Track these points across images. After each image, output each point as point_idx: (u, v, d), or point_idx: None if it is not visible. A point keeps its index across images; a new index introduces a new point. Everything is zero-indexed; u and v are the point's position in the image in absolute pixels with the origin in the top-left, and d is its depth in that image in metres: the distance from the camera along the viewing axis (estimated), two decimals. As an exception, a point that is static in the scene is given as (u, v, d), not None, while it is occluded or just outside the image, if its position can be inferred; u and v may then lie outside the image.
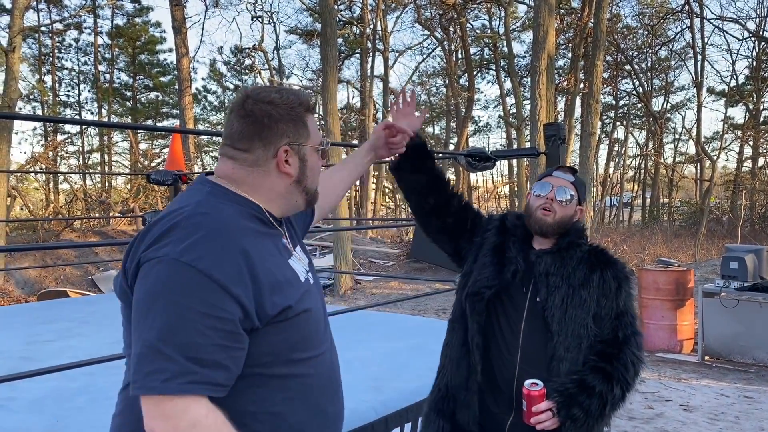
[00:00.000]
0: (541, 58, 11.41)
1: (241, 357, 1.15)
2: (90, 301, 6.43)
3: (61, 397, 2.86)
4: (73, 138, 26.91)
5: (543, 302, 1.85)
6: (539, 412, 1.73)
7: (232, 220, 1.21)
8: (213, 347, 1.09)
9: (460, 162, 4.72)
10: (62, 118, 11.10)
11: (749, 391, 5.87)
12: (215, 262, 1.12)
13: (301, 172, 1.33)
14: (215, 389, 1.11)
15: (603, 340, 1.84)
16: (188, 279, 1.10)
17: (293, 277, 1.27)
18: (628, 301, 1.90)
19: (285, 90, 1.33)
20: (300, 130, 1.31)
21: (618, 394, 1.78)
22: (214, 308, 1.09)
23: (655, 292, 7.63)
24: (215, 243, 1.14)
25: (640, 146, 32.62)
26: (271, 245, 1.27)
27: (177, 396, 1.07)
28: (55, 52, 26.81)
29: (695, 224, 21.95)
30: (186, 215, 1.18)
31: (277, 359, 1.21)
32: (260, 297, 1.15)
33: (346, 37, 25.68)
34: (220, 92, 32.20)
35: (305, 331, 1.26)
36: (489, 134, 35.58)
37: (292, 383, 1.24)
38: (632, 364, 1.81)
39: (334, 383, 1.38)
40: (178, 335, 1.08)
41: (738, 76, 26.81)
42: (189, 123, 19.06)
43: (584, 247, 1.96)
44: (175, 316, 1.08)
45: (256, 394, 1.20)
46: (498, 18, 26.58)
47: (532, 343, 1.85)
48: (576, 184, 1.99)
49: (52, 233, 15.37)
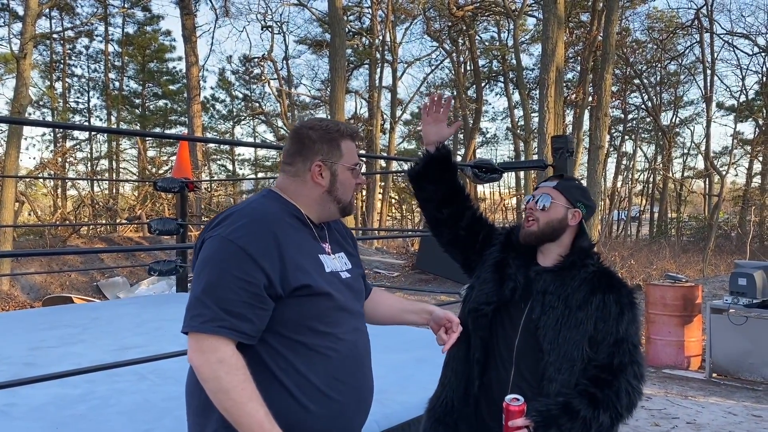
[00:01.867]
0: (549, 71, 11.40)
1: (264, 315, 1.47)
2: (94, 308, 6.43)
3: (62, 404, 2.84)
4: (82, 144, 27.06)
5: (536, 320, 1.83)
6: (515, 428, 1.71)
7: (272, 214, 1.58)
8: (241, 303, 1.43)
9: (467, 173, 4.70)
10: (72, 125, 11.15)
11: (757, 410, 5.79)
12: (251, 240, 1.47)
13: (332, 185, 1.65)
14: (240, 336, 1.44)
15: (597, 365, 1.80)
16: (229, 251, 1.47)
17: (317, 266, 1.57)
18: (630, 329, 1.83)
19: (330, 120, 1.70)
20: (333, 150, 1.64)
21: (605, 422, 1.73)
22: (245, 274, 1.44)
23: (662, 308, 7.56)
24: (254, 227, 1.51)
25: (648, 160, 32.50)
26: (302, 238, 1.60)
27: (210, 335, 1.42)
28: (66, 59, 27.02)
29: (703, 239, 21.81)
30: (239, 209, 1.60)
31: (301, 327, 1.51)
32: (285, 271, 1.48)
33: (355, 47, 25.79)
34: (229, 101, 32.37)
35: (325, 310, 1.54)
36: (497, 146, 35.56)
37: (315, 351, 1.53)
38: (626, 393, 1.75)
39: (359, 365, 1.64)
40: (216, 291, 1.44)
41: (748, 92, 26.73)
42: (197, 131, 19.14)
43: (590, 269, 1.91)
44: (216, 277, 1.45)
45: (286, 352, 1.51)
46: (507, 30, 26.65)
47: (526, 360, 1.84)
48: (560, 187, 1.96)
49: (58, 239, 15.41)
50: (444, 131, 2.04)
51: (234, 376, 1.40)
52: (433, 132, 2.03)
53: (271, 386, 1.48)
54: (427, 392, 2.03)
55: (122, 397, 2.94)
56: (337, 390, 1.55)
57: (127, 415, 2.70)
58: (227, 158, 34.12)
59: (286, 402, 1.50)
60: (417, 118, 33.98)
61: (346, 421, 1.60)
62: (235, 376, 1.41)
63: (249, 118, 32.11)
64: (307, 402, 1.51)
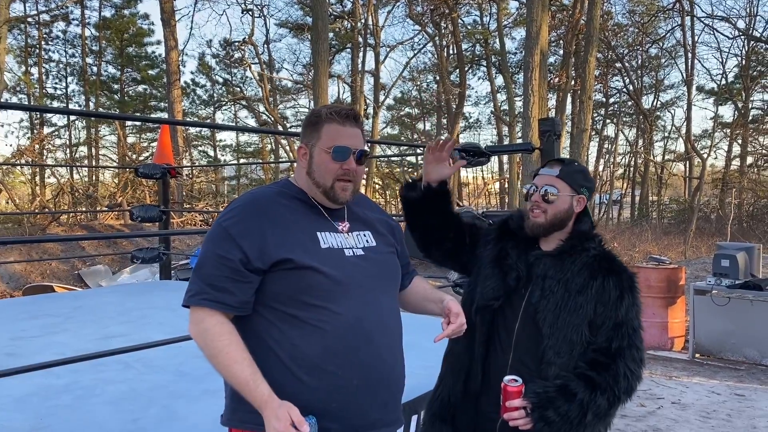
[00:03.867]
0: (534, 54, 11.37)
1: (245, 288, 1.57)
2: (76, 297, 6.33)
3: (46, 394, 2.79)
4: (60, 131, 26.63)
5: (536, 304, 1.84)
6: (512, 408, 1.73)
7: (264, 196, 1.69)
8: (222, 278, 1.56)
9: (454, 156, 4.67)
10: (50, 108, 10.89)
11: (740, 389, 5.88)
12: (235, 222, 1.61)
13: (309, 166, 1.69)
14: (223, 306, 1.56)
15: (596, 348, 1.81)
16: (217, 233, 1.62)
17: (309, 242, 1.62)
18: (630, 312, 1.84)
19: (333, 105, 1.74)
20: (312, 133, 1.68)
21: (603, 404, 1.74)
22: (225, 252, 1.57)
23: (646, 290, 7.61)
24: (241, 210, 1.64)
25: (630, 144, 32.73)
26: (298, 217, 1.66)
27: (198, 307, 1.57)
28: (41, 44, 26.44)
29: (684, 222, 22.08)
30: (241, 196, 1.75)
31: (291, 300, 1.58)
32: (265, 247, 1.57)
33: (337, 31, 25.56)
34: (209, 86, 31.94)
35: (314, 284, 1.57)
36: (480, 130, 35.49)
37: (308, 324, 1.57)
38: (624, 376, 1.76)
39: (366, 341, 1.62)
40: (203, 269, 1.60)
41: (727, 75, 26.99)
42: (178, 116, 18.87)
43: (591, 252, 1.91)
44: (204, 257, 1.61)
45: (280, 325, 1.59)
46: (489, 14, 26.56)
47: (525, 344, 1.85)
48: (563, 175, 1.94)
49: (38, 227, 15.17)
50: (445, 170, 2.04)
51: (218, 342, 1.52)
52: (435, 171, 2.03)
53: (267, 357, 1.57)
54: (416, 378, 2.02)
55: (108, 386, 2.89)
56: (333, 363, 1.57)
57: (113, 404, 2.66)
58: (209, 144, 33.77)
59: (281, 373, 1.56)
60: (400, 103, 33.88)
61: (347, 396, 1.58)
62: (219, 341, 1.52)
63: (230, 104, 31.75)
64: (301, 374, 1.56)
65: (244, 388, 1.50)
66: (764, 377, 6.35)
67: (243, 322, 1.61)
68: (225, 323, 1.56)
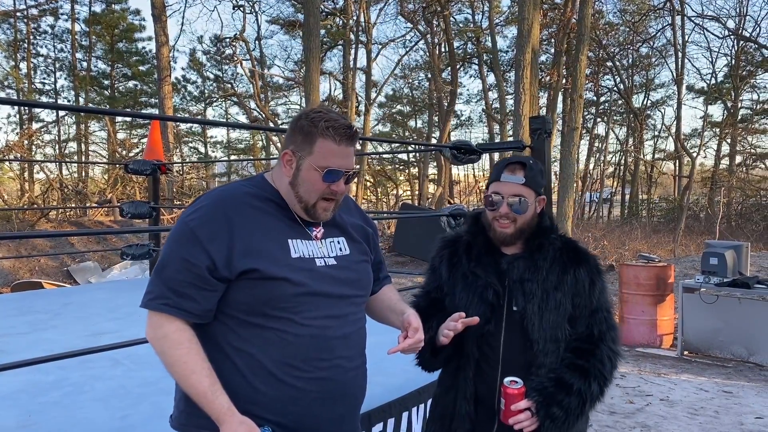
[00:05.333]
0: (525, 52, 11.38)
1: (210, 296, 1.50)
2: (65, 293, 6.30)
3: (35, 391, 2.77)
4: (49, 127, 26.41)
5: (521, 311, 1.81)
6: (518, 411, 1.70)
7: (235, 196, 1.58)
8: (186, 283, 1.48)
9: (446, 154, 4.68)
10: (38, 102, 10.75)
11: (728, 386, 5.92)
12: (202, 223, 1.51)
13: (294, 178, 1.58)
14: (183, 314, 1.49)
15: (578, 337, 1.83)
16: (183, 233, 1.52)
17: (279, 250, 1.54)
18: (602, 297, 1.88)
19: (330, 114, 1.57)
20: (305, 144, 1.56)
21: (596, 390, 1.77)
22: (191, 255, 1.48)
23: (635, 287, 7.67)
24: (209, 210, 1.54)
25: (620, 142, 32.86)
26: (269, 222, 1.57)
27: (157, 312, 1.50)
28: (30, 38, 26.19)
29: (673, 220, 22.20)
30: (209, 192, 1.63)
31: (253, 309, 1.51)
32: (231, 255, 1.48)
33: (329, 28, 25.48)
34: (200, 82, 31.78)
35: (281, 295, 1.51)
36: (471, 128, 35.52)
37: (269, 334, 1.52)
38: (609, 358, 1.80)
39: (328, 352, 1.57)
40: (165, 271, 1.51)
41: (717, 74, 27.16)
42: (168, 113, 18.75)
43: (556, 244, 1.91)
44: (167, 258, 1.52)
45: (239, 333, 1.53)
46: (481, 12, 26.58)
47: (512, 354, 1.82)
48: (528, 183, 1.86)
49: (26, 223, 15.05)
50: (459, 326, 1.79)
51: (176, 350, 1.47)
52: None
53: (223, 365, 1.52)
54: (407, 374, 2.01)
55: (96, 383, 2.88)
56: (291, 375, 1.53)
57: (102, 401, 2.65)
58: (199, 140, 33.65)
59: (237, 381, 1.51)
60: (391, 101, 33.85)
61: (303, 408, 1.54)
62: (177, 350, 1.47)
63: (221, 100, 31.63)
64: (258, 383, 1.51)
65: (201, 399, 1.45)
66: (751, 374, 6.41)
67: (201, 325, 1.55)
68: (185, 330, 1.50)
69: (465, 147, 4.30)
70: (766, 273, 10.37)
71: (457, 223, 4.26)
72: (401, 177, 36.24)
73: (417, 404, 2.82)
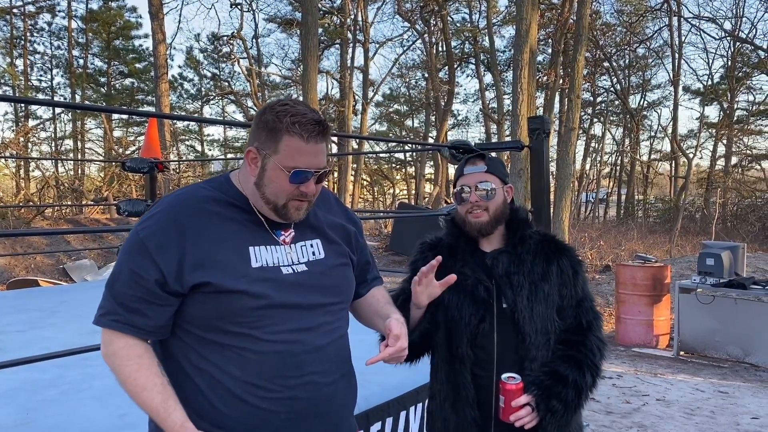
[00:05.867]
0: (523, 52, 11.39)
1: (161, 311, 1.40)
2: (61, 291, 6.29)
3: (33, 389, 2.77)
4: (46, 124, 26.38)
5: (511, 305, 1.79)
6: (519, 407, 1.68)
7: (189, 202, 1.45)
8: (136, 298, 1.39)
9: (444, 154, 4.68)
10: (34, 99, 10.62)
11: (724, 386, 5.94)
12: (152, 233, 1.40)
13: (259, 178, 1.45)
14: (134, 330, 1.40)
15: (566, 328, 1.82)
16: (134, 243, 1.41)
17: (237, 260, 1.42)
18: (585, 286, 1.89)
19: (295, 108, 1.42)
20: (269, 141, 1.42)
21: (589, 380, 1.76)
22: (140, 268, 1.38)
23: (632, 288, 7.69)
24: (161, 218, 1.42)
25: (616, 143, 32.99)
26: (228, 229, 1.44)
27: (107, 329, 1.41)
28: (27, 36, 26.16)
29: (669, 221, 22.25)
30: (165, 197, 1.50)
31: (209, 325, 1.41)
32: (181, 267, 1.37)
33: (327, 26, 25.46)
34: (197, 80, 31.75)
35: (239, 309, 1.39)
36: (468, 128, 35.56)
37: (228, 352, 1.41)
38: (598, 348, 1.80)
39: (297, 369, 1.45)
40: (115, 285, 1.41)
41: (713, 75, 27.23)
42: (165, 111, 18.71)
43: (535, 237, 1.91)
44: (117, 271, 1.42)
45: (198, 351, 1.43)
46: (479, 12, 26.60)
47: (506, 351, 1.80)
48: (491, 169, 1.89)
49: (22, 221, 15.02)
50: (436, 290, 1.75)
51: (126, 367, 1.39)
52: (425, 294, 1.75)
53: (184, 383, 1.43)
54: (404, 373, 2.00)
55: (94, 381, 2.87)
56: (255, 396, 1.41)
57: (100, 399, 2.64)
58: (196, 138, 33.60)
59: (199, 401, 1.42)
60: (389, 100, 33.84)
61: (272, 430, 1.43)
62: (126, 367, 1.39)
63: (218, 98, 31.59)
64: (220, 405, 1.41)
65: (155, 417, 1.37)
66: (747, 375, 6.43)
67: (162, 341, 1.48)
68: (135, 346, 1.40)
69: (464, 147, 4.30)
70: (762, 274, 10.41)
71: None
72: (398, 176, 36.26)
73: (415, 403, 2.82)
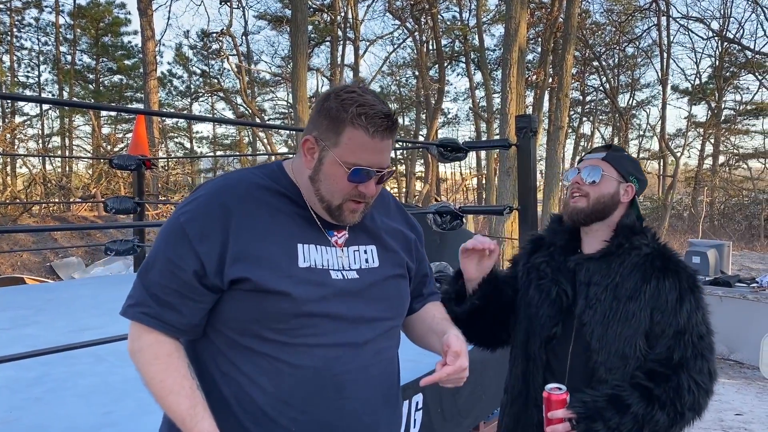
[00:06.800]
0: (512, 51, 11.43)
1: (196, 308, 1.27)
2: (48, 289, 6.24)
3: (17, 387, 2.75)
4: (33, 121, 26.15)
5: (580, 316, 1.64)
6: (555, 420, 1.52)
7: (239, 187, 1.32)
8: (170, 290, 1.25)
9: (432, 152, 4.70)
10: (21, 95, 10.55)
11: (709, 383, 6.00)
12: (193, 217, 1.27)
13: (315, 171, 1.30)
14: (164, 326, 1.27)
15: (655, 359, 1.58)
16: (173, 228, 1.28)
17: (283, 257, 1.28)
18: (692, 318, 1.59)
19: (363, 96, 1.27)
20: (329, 132, 1.27)
21: (662, 421, 1.52)
22: (178, 257, 1.25)
23: (619, 285, 7.73)
24: (205, 201, 1.29)
25: (605, 142, 33.09)
26: (280, 223, 1.31)
27: (135, 321, 1.29)
28: (13, 31, 25.91)
29: (657, 219, 22.41)
30: (214, 179, 1.37)
31: (245, 328, 1.27)
32: (223, 258, 1.24)
33: (316, 24, 25.42)
34: (186, 77, 31.59)
35: (277, 313, 1.25)
36: (458, 126, 35.73)
37: (263, 362, 1.27)
38: (689, 390, 1.52)
39: (335, 391, 1.28)
40: (150, 273, 1.28)
41: (701, 75, 27.46)
42: (154, 108, 18.63)
43: (643, 250, 1.66)
44: (153, 258, 1.29)
45: (229, 357, 1.29)
46: (468, 10, 26.63)
47: (577, 363, 1.65)
48: (610, 159, 1.71)
49: (8, 218, 14.90)
50: (486, 264, 1.71)
51: (152, 366, 1.26)
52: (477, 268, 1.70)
53: (211, 393, 1.28)
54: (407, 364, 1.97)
55: (79, 379, 2.85)
56: (287, 417, 1.26)
57: (84, 397, 2.63)
58: (185, 136, 33.43)
59: (225, 415, 1.27)
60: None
61: None
62: (153, 366, 1.26)
63: (207, 95, 31.45)
64: (247, 422, 1.26)
65: (180, 424, 1.23)
66: (732, 372, 6.49)
67: (190, 342, 1.34)
68: (164, 343, 1.27)
69: (451, 145, 4.32)
70: (748, 272, 10.51)
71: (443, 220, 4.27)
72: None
73: (416, 394, 2.82)
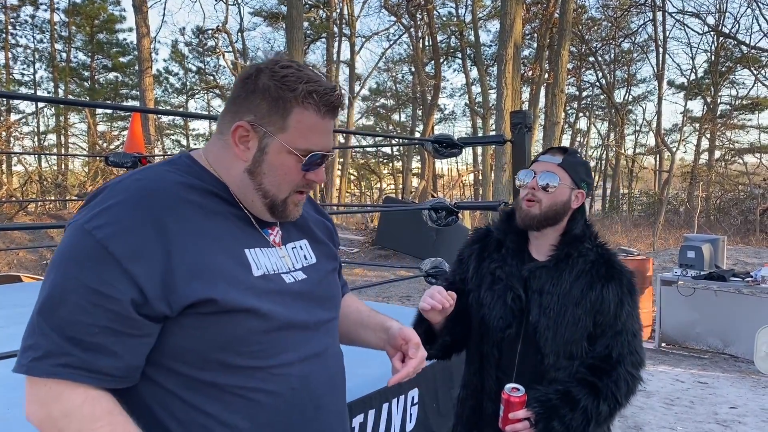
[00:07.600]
0: (507, 47, 11.44)
1: (137, 345, 0.99)
2: (44, 286, 6.23)
3: (13, 384, 2.75)
4: (28, 118, 26.09)
5: (534, 323, 1.72)
6: (516, 420, 1.61)
7: (163, 190, 1.05)
8: (98, 329, 0.95)
9: (427, 148, 4.70)
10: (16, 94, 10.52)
11: (703, 377, 6.03)
12: (117, 232, 0.97)
13: (255, 163, 1.09)
14: (97, 378, 0.97)
15: (596, 356, 1.72)
16: (84, 248, 0.97)
17: (237, 267, 1.06)
18: (629, 319, 1.73)
19: (303, 71, 1.09)
20: (274, 114, 1.06)
21: (605, 411, 1.66)
22: (104, 284, 0.95)
23: (615, 280, 7.75)
24: (127, 210, 1.00)
25: (602, 137, 33.20)
26: (219, 226, 1.08)
27: (49, 379, 0.96)
28: (8, 29, 25.84)
29: (653, 214, 22.46)
30: (119, 180, 1.07)
31: (206, 360, 1.02)
32: (171, 279, 0.98)
33: (312, 20, 25.39)
34: (182, 74, 31.58)
35: (246, 333, 1.03)
36: (454, 122, 35.75)
37: (232, 397, 1.03)
38: (625, 381, 1.68)
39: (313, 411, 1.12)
40: (58, 310, 0.96)
41: (697, 70, 27.52)
42: (149, 105, 18.61)
43: (589, 256, 1.76)
44: (60, 289, 0.96)
45: (186, 400, 1.03)
46: (464, 6, 26.64)
47: (526, 364, 1.74)
48: (565, 165, 1.75)
49: (5, 216, 14.88)
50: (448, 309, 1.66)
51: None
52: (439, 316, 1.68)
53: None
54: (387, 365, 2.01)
55: (75, 376, 2.85)
56: None
57: (80, 394, 2.63)
58: (181, 133, 33.45)
59: None
60: (375, 94, 33.83)
61: None
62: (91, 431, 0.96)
63: (203, 92, 31.43)
64: None
65: None
66: (726, 365, 6.53)
67: (122, 392, 1.02)
68: (98, 398, 0.97)
69: (446, 141, 4.32)
70: (743, 266, 10.55)
71: (438, 216, 4.27)
72: (385, 171, 36.29)
73: (397, 396, 2.83)
